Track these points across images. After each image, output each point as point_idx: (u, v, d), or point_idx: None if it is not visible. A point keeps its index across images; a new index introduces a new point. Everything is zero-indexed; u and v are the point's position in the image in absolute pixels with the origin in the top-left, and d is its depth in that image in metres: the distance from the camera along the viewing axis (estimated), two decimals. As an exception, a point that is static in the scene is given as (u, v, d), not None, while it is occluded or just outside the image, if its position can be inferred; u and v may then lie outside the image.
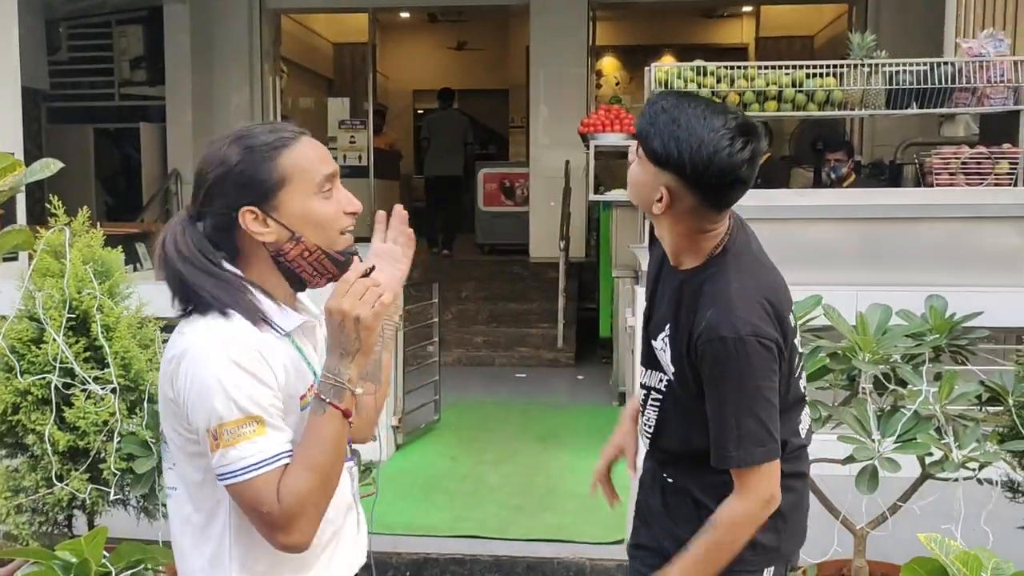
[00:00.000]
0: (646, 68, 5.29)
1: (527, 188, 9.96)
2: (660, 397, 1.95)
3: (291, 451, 1.41)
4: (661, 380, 1.93)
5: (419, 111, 15.91)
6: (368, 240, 1.94)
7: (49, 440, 2.88)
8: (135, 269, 6.93)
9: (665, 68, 5.22)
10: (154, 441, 2.94)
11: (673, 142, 1.72)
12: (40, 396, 2.92)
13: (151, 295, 4.36)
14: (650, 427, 1.99)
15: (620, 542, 4.07)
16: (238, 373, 1.38)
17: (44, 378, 2.92)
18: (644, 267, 5.29)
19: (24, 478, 2.94)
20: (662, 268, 1.99)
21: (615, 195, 6.18)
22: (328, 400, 1.39)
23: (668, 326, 1.88)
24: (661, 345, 1.90)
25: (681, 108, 1.75)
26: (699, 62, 5.20)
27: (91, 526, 3.09)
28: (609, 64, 13.46)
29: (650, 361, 1.98)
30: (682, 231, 1.85)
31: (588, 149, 6.29)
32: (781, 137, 9.79)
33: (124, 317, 3.17)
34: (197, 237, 1.48)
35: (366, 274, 1.42)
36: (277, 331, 1.48)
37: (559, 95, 9.54)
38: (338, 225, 1.49)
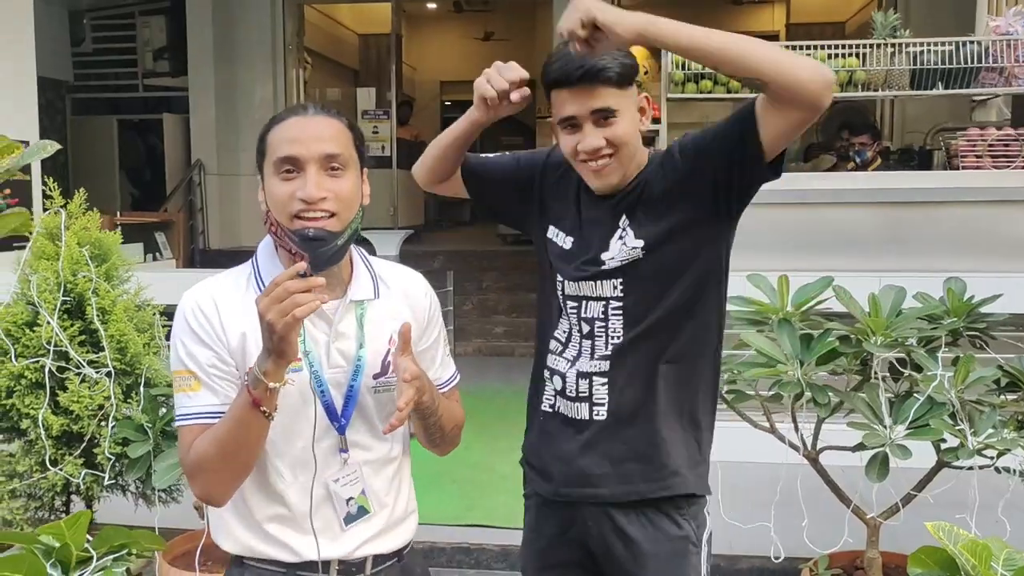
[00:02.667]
0: (662, 52, 5.17)
1: (550, 177, 9.85)
2: (622, 294, 1.82)
3: (215, 414, 1.48)
4: (619, 278, 1.82)
5: (446, 102, 15.88)
6: (387, 228, 1.91)
7: (43, 424, 2.85)
8: (155, 258, 6.96)
9: (682, 50, 5.09)
10: (150, 426, 2.91)
11: (618, 55, 1.74)
12: (34, 380, 2.90)
13: (164, 282, 4.33)
14: (617, 336, 1.83)
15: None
16: (184, 329, 1.51)
17: (38, 361, 2.89)
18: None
19: (19, 463, 2.92)
20: (573, 190, 1.91)
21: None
22: (246, 384, 1.42)
23: (624, 218, 1.82)
24: (618, 246, 1.82)
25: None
26: (717, 44, 5.07)
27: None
28: (639, 53, 13.29)
29: (592, 275, 1.84)
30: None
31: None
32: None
33: (121, 300, 3.13)
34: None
35: (304, 276, 1.37)
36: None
37: (582, 83, 9.42)
38: (288, 208, 1.47)
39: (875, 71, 4.82)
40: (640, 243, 1.80)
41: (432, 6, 13.65)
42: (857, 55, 4.93)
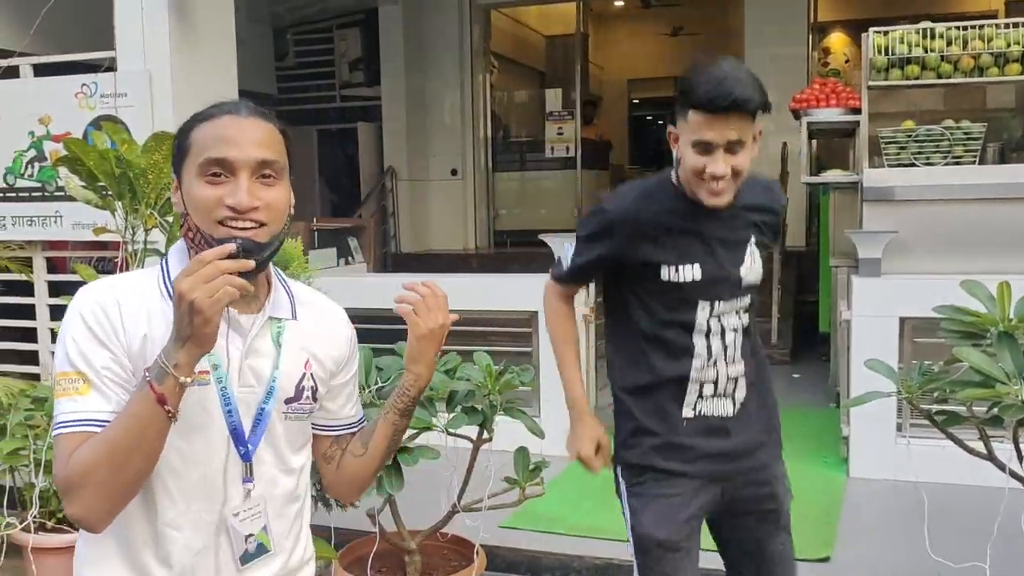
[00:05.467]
0: (863, 35, 4.79)
1: (741, 174, 9.45)
2: (746, 308, 2.15)
3: (104, 422, 1.32)
4: (743, 304, 2.14)
5: (634, 100, 15.65)
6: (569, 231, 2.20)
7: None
8: (347, 262, 7.19)
9: (886, 32, 4.69)
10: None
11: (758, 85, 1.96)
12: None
13: (349, 287, 4.34)
14: (739, 340, 2.13)
15: (826, 559, 3.68)
16: (79, 327, 1.36)
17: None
18: (863, 254, 4.81)
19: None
20: (676, 220, 2.09)
21: (832, 176, 5.68)
22: (149, 379, 1.27)
23: (752, 239, 2.13)
24: (750, 261, 2.12)
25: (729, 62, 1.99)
26: (926, 24, 4.64)
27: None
28: (838, 40, 12.57)
29: (728, 294, 2.10)
30: None
31: (801, 127, 5.81)
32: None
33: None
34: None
35: (232, 257, 1.28)
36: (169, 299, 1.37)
37: (775, 76, 8.96)
38: (213, 213, 1.36)
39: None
40: (758, 274, 2.15)
41: (619, 3, 13.48)
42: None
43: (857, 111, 5.18)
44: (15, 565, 3.42)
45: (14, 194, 5.41)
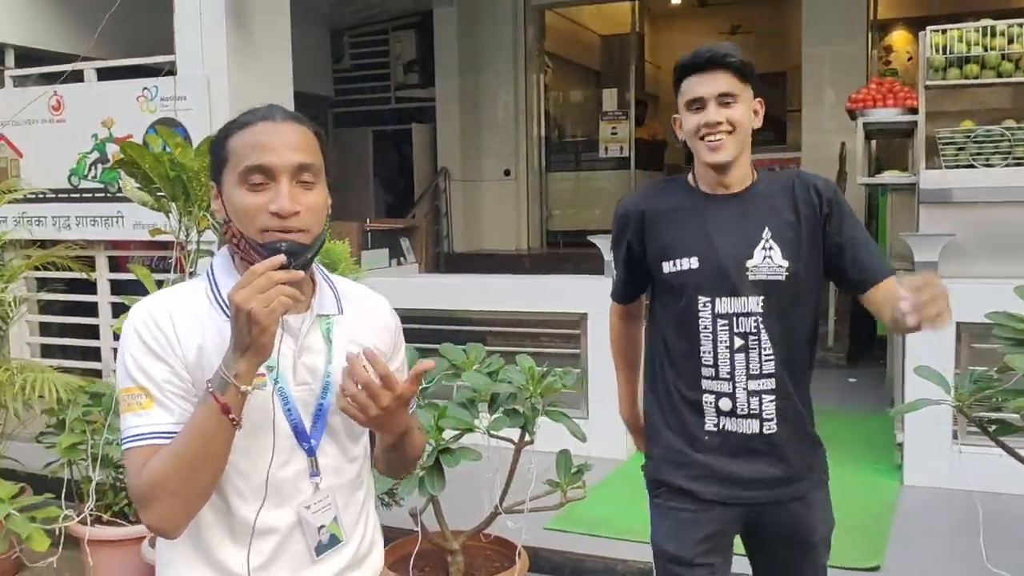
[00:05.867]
0: (920, 33, 4.68)
1: (798, 175, 9.31)
2: (761, 312, 2.00)
3: (170, 434, 1.37)
4: (761, 296, 1.99)
5: (690, 100, 15.51)
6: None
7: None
8: (399, 263, 7.25)
9: (943, 31, 4.59)
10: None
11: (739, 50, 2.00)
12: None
13: (399, 287, 4.32)
14: (765, 350, 2.00)
15: (876, 569, 3.62)
16: (136, 343, 1.40)
17: (270, 366, 3.03)
18: (919, 257, 4.71)
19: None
20: (681, 212, 2.07)
21: (888, 177, 5.56)
22: (211, 390, 1.33)
23: (766, 230, 2.01)
24: (763, 254, 2.00)
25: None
26: (986, 21, 4.52)
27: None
28: (900, 38, 12.29)
29: (731, 290, 2.00)
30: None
31: (857, 127, 5.70)
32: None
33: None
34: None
35: (284, 267, 1.33)
36: (224, 312, 1.40)
37: (834, 74, 8.83)
38: (257, 222, 1.39)
39: None
40: (787, 264, 2.01)
41: (676, 2, 13.35)
42: None
43: (916, 111, 5.07)
44: (72, 556, 3.52)
45: (78, 195, 5.57)
